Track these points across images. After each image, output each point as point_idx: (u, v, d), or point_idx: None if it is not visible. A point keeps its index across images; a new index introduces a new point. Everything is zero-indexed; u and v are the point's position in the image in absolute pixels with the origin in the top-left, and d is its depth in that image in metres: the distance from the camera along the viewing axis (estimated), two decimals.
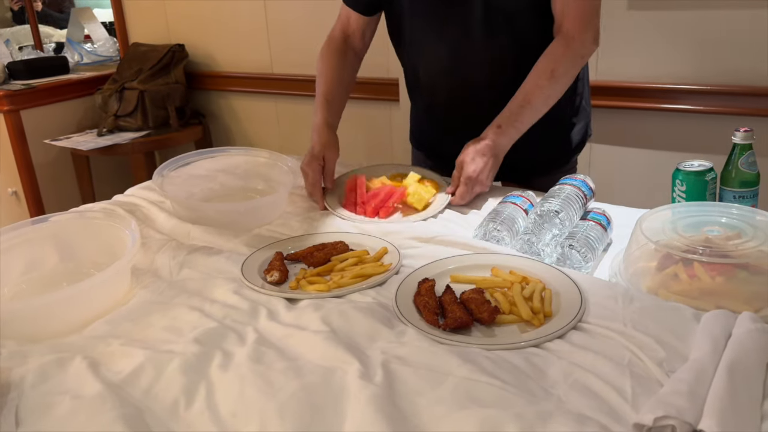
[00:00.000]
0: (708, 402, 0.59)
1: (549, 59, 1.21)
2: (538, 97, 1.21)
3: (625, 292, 0.82)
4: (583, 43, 1.22)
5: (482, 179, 1.18)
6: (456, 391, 0.64)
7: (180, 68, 2.68)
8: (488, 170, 1.19)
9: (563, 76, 1.21)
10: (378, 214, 1.15)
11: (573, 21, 1.20)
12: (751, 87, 1.76)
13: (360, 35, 1.43)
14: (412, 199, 1.17)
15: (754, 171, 1.01)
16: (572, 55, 1.21)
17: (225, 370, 0.71)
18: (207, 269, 0.97)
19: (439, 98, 1.37)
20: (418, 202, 1.16)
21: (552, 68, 1.20)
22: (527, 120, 1.22)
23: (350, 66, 1.43)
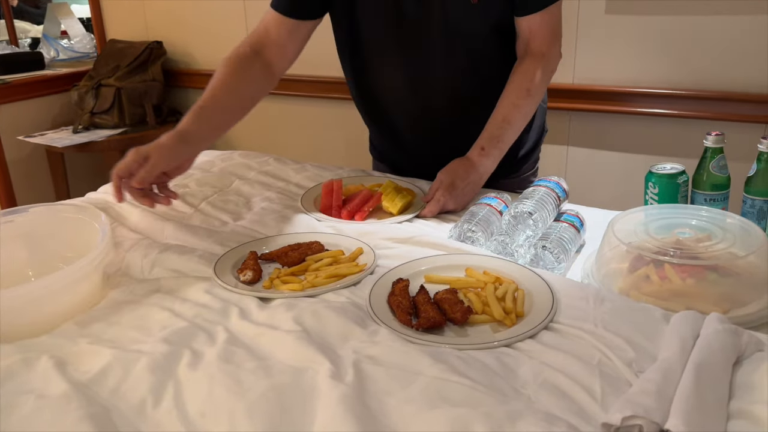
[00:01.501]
0: (675, 402, 0.60)
1: (523, 78, 1.22)
2: (516, 116, 1.23)
3: (597, 292, 0.83)
4: (552, 58, 1.25)
5: (457, 200, 1.18)
6: (426, 390, 0.63)
7: (158, 65, 2.65)
8: (466, 192, 1.20)
9: (537, 93, 1.24)
10: (354, 218, 1.15)
11: (542, 39, 1.22)
12: (724, 92, 1.80)
13: (277, 49, 1.25)
14: (387, 203, 1.17)
15: (725, 174, 1.02)
16: (544, 72, 1.24)
17: (194, 369, 0.70)
18: (179, 268, 0.96)
19: (399, 122, 1.36)
20: (393, 206, 1.16)
21: (527, 87, 1.22)
22: (509, 139, 1.24)
23: (254, 86, 1.24)
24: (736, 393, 0.64)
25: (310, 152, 2.56)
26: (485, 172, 1.23)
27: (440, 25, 1.21)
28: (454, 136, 1.31)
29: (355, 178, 1.34)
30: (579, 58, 1.97)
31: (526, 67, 1.23)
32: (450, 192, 1.17)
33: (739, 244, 0.88)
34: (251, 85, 1.24)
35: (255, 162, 1.43)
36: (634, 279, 0.90)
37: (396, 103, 1.34)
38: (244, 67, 1.23)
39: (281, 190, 1.30)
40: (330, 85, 2.37)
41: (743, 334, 0.70)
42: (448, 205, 1.18)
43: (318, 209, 1.18)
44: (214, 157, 1.49)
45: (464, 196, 1.19)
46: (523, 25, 1.22)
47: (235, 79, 1.21)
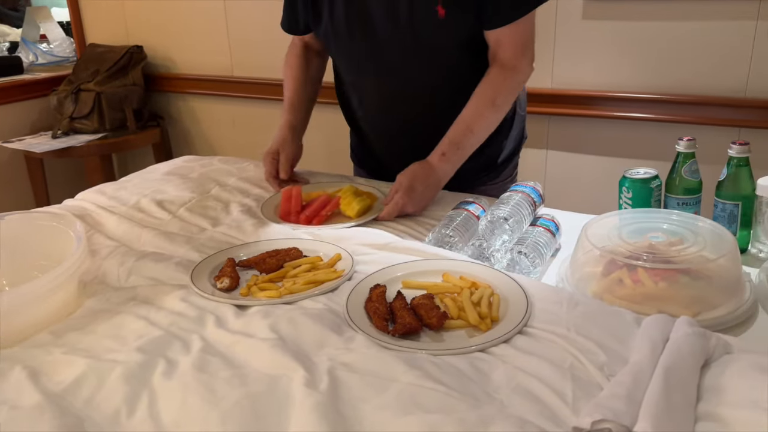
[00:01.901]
0: (644, 405, 0.61)
1: (489, 87, 1.23)
2: (479, 125, 1.24)
3: (570, 297, 0.84)
4: (521, 70, 1.24)
5: (416, 203, 1.19)
6: (400, 396, 0.64)
7: (138, 70, 2.64)
8: (425, 195, 1.20)
9: (504, 104, 1.25)
10: (312, 222, 1.16)
11: (509, 50, 1.22)
12: (699, 96, 1.82)
13: (316, 41, 1.43)
14: (345, 207, 1.18)
15: (697, 179, 1.04)
16: (511, 84, 1.24)
17: (168, 378, 0.70)
18: (156, 276, 0.96)
19: (378, 130, 1.41)
20: (350, 210, 1.17)
21: (492, 97, 1.23)
22: (470, 147, 1.25)
23: (314, 69, 1.46)
24: (704, 395, 0.65)
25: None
26: (444, 176, 1.23)
27: (409, 41, 1.22)
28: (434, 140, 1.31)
29: (317, 185, 1.35)
30: (557, 63, 1.99)
31: (493, 78, 1.23)
32: (408, 195, 1.18)
33: (710, 248, 0.89)
34: (315, 74, 1.47)
35: (235, 168, 1.43)
36: (608, 283, 0.91)
37: (372, 118, 1.38)
38: (304, 61, 1.44)
39: (260, 196, 1.30)
40: None
41: (711, 337, 0.72)
42: (407, 207, 1.18)
43: (278, 216, 1.19)
44: (194, 162, 1.49)
45: (423, 200, 1.20)
46: (492, 38, 1.22)
47: (303, 73, 1.43)
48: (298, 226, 1.15)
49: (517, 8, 1.19)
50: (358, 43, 1.26)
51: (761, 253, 1.03)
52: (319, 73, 1.48)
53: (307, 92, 1.44)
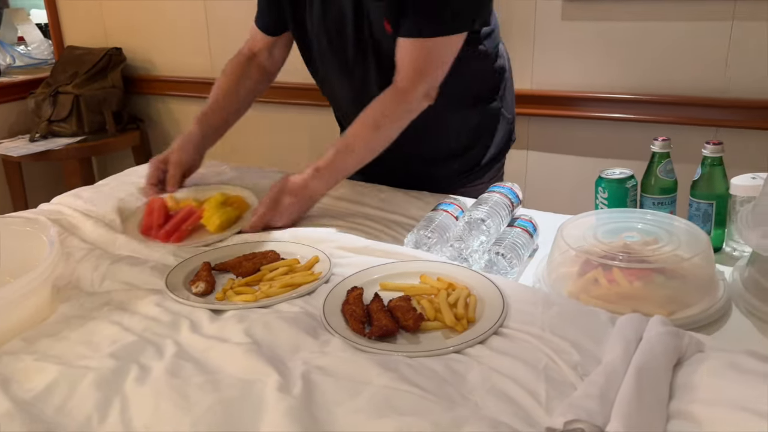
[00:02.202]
0: (616, 405, 0.61)
1: (376, 109, 1.16)
2: (359, 145, 1.17)
3: (545, 297, 0.84)
4: (413, 98, 1.15)
5: (282, 215, 1.13)
6: (374, 399, 0.64)
7: (117, 72, 2.62)
8: (293, 209, 1.15)
9: (387, 129, 1.18)
10: (170, 239, 1.09)
11: (404, 71, 1.14)
12: (678, 96, 1.84)
13: (267, 54, 1.40)
14: (206, 221, 1.11)
15: (672, 179, 1.05)
16: (399, 110, 1.16)
17: (141, 384, 0.69)
18: (130, 280, 0.95)
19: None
20: (210, 224, 1.10)
21: (376, 119, 1.16)
22: (348, 166, 1.18)
23: (250, 83, 1.39)
24: (676, 393, 0.66)
25: (275, 159, 2.54)
26: (315, 193, 1.17)
27: (372, 47, 1.21)
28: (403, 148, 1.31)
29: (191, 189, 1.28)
30: (536, 64, 2.00)
31: (383, 98, 1.16)
32: (273, 208, 1.13)
33: (684, 247, 0.90)
34: (247, 86, 1.40)
35: (211, 171, 1.42)
36: (584, 283, 0.91)
37: (346, 117, 1.37)
38: (241, 70, 1.39)
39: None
40: (294, 91, 2.36)
41: (684, 336, 0.72)
42: (273, 221, 1.13)
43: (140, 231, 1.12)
44: None
45: (289, 214, 1.14)
46: (397, 54, 1.15)
47: (233, 83, 1.38)
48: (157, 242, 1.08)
49: (421, 27, 1.10)
50: (328, 46, 1.26)
51: (735, 252, 1.04)
52: (256, 86, 1.41)
53: (230, 105, 1.38)
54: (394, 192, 1.30)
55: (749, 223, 0.89)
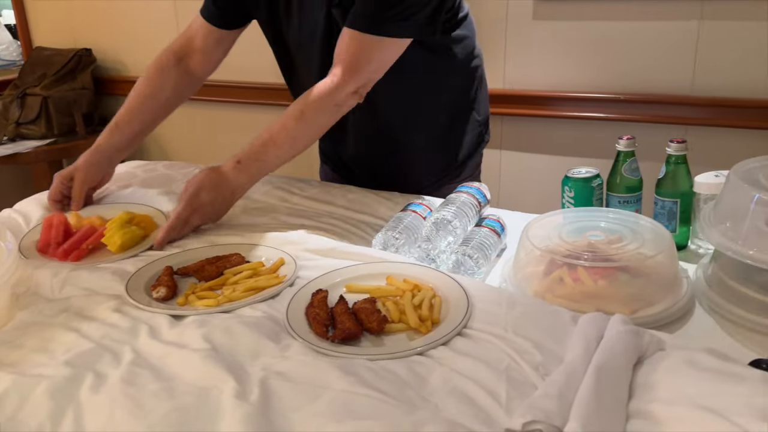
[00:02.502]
0: (575, 405, 0.61)
1: (304, 101, 1.12)
2: (282, 137, 1.13)
3: (510, 297, 0.84)
4: (341, 91, 1.11)
5: (203, 213, 1.09)
6: (333, 404, 0.63)
7: (87, 73, 2.58)
8: (214, 206, 1.10)
9: (312, 121, 1.13)
10: (68, 258, 1.03)
11: (339, 68, 1.11)
12: (648, 95, 1.86)
13: (201, 54, 1.30)
14: (107, 240, 1.06)
15: (637, 177, 1.05)
16: (326, 102, 1.12)
17: (95, 392, 0.67)
18: (91, 286, 0.93)
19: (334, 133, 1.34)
20: (111, 244, 1.05)
21: (303, 110, 1.12)
22: (271, 159, 1.13)
23: (172, 89, 1.30)
24: (636, 393, 0.66)
25: None
26: (238, 187, 1.12)
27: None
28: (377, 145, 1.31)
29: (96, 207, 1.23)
30: (508, 64, 2.00)
31: (313, 90, 1.12)
32: (191, 204, 1.07)
33: (647, 245, 0.91)
34: (167, 93, 1.30)
35: (180, 173, 1.40)
36: (549, 282, 0.91)
37: None
38: (162, 75, 1.29)
39: None
40: (263, 91, 2.35)
41: (645, 335, 0.72)
42: (192, 218, 1.08)
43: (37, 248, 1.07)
44: (137, 168, 1.45)
45: (212, 210, 1.09)
46: (338, 40, 1.12)
47: (150, 90, 1.29)
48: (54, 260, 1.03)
49: (362, 21, 1.08)
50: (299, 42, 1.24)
51: (700, 249, 1.05)
52: (179, 93, 1.32)
53: (145, 113, 1.28)
54: (363, 192, 1.29)
55: (711, 220, 0.90)
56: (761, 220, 0.82)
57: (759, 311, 0.83)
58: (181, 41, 1.32)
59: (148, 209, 1.20)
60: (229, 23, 1.29)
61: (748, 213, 0.84)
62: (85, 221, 1.15)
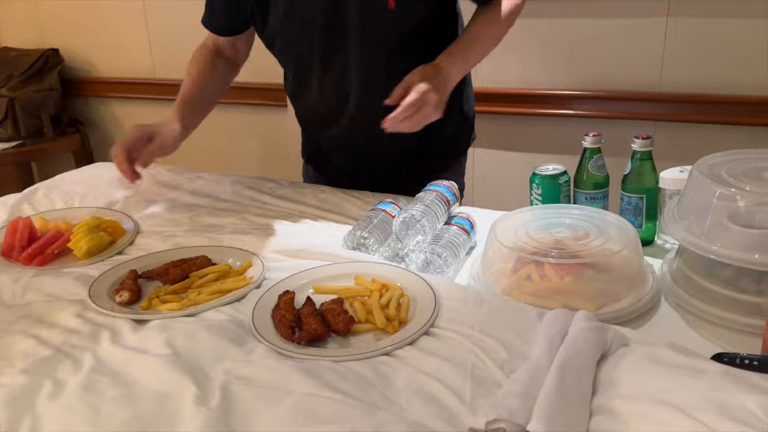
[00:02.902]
0: (537, 403, 0.61)
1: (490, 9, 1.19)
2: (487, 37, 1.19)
3: (476, 295, 0.84)
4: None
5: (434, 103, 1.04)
6: (295, 408, 0.62)
7: (54, 74, 2.53)
8: (439, 92, 1.05)
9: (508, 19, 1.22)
10: (32, 263, 1.01)
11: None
12: (617, 92, 1.88)
13: (229, 47, 1.35)
14: (74, 245, 1.04)
15: (604, 173, 1.06)
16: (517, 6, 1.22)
17: (53, 400, 0.66)
18: (53, 291, 0.91)
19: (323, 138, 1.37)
20: (77, 249, 1.03)
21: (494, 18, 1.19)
22: (476, 56, 1.19)
23: (219, 74, 1.35)
24: (599, 389, 0.66)
25: (222, 161, 2.50)
26: (450, 79, 1.11)
27: (357, 35, 1.16)
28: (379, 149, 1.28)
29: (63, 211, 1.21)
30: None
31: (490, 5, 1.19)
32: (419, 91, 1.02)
33: (612, 241, 0.91)
34: (220, 79, 1.35)
35: (146, 173, 1.38)
36: (517, 279, 0.92)
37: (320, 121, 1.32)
38: (211, 59, 1.33)
39: (175, 201, 1.26)
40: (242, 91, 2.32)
41: (609, 331, 0.73)
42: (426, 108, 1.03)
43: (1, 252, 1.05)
44: (104, 169, 1.43)
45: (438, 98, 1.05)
46: None
47: (206, 70, 1.31)
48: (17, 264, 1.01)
49: None
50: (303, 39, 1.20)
51: (667, 245, 1.06)
52: (225, 79, 1.37)
53: (206, 94, 1.32)
54: (334, 191, 1.28)
55: (675, 216, 0.91)
56: (724, 215, 0.83)
57: (722, 305, 0.84)
58: (211, 38, 1.35)
59: (115, 214, 1.18)
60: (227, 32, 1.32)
61: (711, 208, 0.85)
62: (50, 225, 1.13)
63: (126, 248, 1.07)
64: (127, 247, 1.07)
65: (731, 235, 0.81)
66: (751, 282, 0.82)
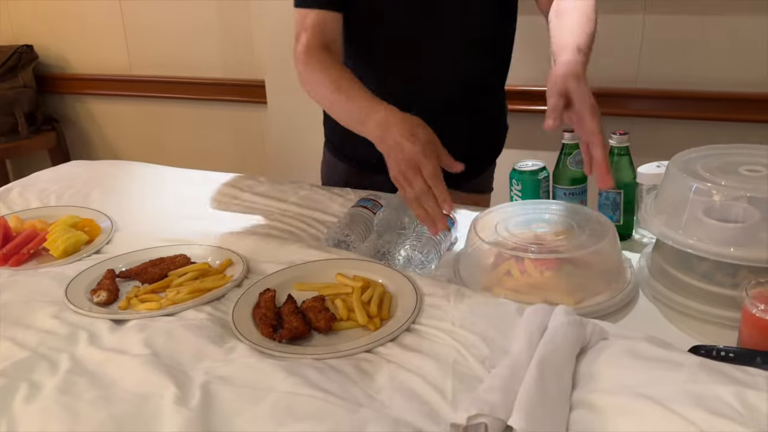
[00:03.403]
0: (518, 397, 0.61)
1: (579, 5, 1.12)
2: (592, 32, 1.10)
3: (457, 291, 0.84)
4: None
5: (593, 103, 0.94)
6: (276, 407, 0.62)
7: (29, 71, 2.49)
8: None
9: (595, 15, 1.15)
10: (8, 263, 0.99)
11: None
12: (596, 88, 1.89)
13: (339, 39, 1.16)
14: (50, 244, 1.02)
15: (582, 169, 1.07)
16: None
17: (29, 403, 0.65)
18: (29, 292, 0.89)
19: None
20: (54, 249, 1.01)
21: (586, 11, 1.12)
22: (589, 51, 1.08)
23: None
24: (579, 383, 0.67)
25: (198, 159, 2.47)
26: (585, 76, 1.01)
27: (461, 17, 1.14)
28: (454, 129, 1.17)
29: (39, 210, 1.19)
30: None
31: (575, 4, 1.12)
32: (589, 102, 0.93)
33: (591, 236, 0.92)
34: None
35: (124, 171, 1.37)
36: (497, 275, 0.92)
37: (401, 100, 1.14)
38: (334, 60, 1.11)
39: (149, 198, 1.24)
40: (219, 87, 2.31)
41: (588, 325, 0.73)
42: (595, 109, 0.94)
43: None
44: (81, 168, 1.41)
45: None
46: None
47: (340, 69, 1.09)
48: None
49: None
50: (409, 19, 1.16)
51: (644, 239, 1.07)
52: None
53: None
54: (315, 189, 1.28)
55: (652, 210, 0.92)
56: (699, 210, 0.84)
57: (699, 299, 0.85)
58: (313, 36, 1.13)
59: (92, 213, 1.16)
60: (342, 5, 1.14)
61: (687, 203, 0.86)
62: (26, 224, 1.11)
63: (103, 247, 1.05)
64: (105, 246, 1.06)
65: (707, 229, 0.82)
66: (726, 275, 0.83)
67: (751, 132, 1.78)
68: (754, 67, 1.73)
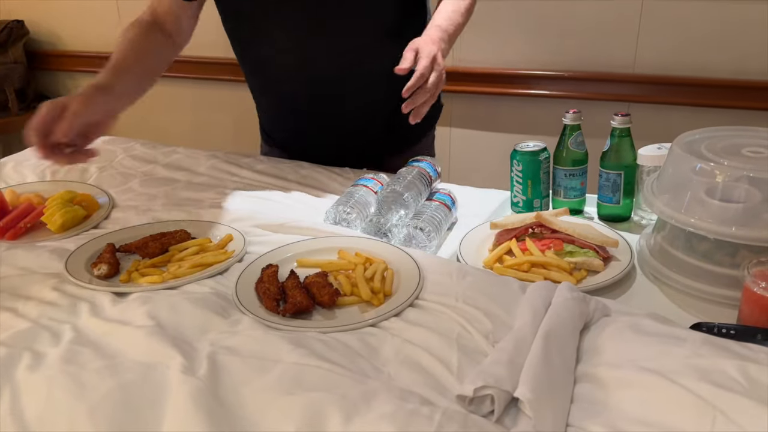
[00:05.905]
0: (524, 370, 0.62)
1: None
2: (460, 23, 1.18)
3: (460, 268, 0.84)
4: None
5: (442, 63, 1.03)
6: (283, 377, 0.62)
7: (19, 46, 2.45)
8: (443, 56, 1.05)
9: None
10: (4, 237, 0.98)
11: None
12: (593, 72, 1.89)
13: (173, 19, 1.20)
14: (47, 219, 1.00)
15: (583, 150, 1.07)
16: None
17: (33, 372, 0.64)
18: (28, 265, 0.88)
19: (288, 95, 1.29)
20: (51, 223, 1.00)
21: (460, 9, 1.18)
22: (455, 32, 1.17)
23: (156, 47, 1.18)
24: (583, 357, 0.68)
25: (197, 137, 2.45)
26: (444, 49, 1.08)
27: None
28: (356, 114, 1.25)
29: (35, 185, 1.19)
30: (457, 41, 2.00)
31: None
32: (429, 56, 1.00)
33: None
34: (156, 53, 1.19)
35: (120, 148, 1.35)
36: (499, 253, 0.92)
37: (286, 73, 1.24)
38: (149, 34, 1.17)
39: (147, 174, 1.23)
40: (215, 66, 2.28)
41: (591, 301, 0.74)
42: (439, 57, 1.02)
43: None
44: None
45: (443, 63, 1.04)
46: None
47: (143, 45, 1.15)
48: None
49: None
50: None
51: (643, 221, 1.07)
52: (161, 55, 1.21)
53: (142, 62, 1.14)
54: (314, 167, 1.27)
55: (654, 191, 0.92)
56: (702, 190, 0.85)
57: (699, 278, 0.86)
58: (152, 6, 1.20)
59: (89, 188, 1.15)
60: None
61: (690, 182, 0.86)
62: (22, 198, 1.10)
63: (101, 222, 1.04)
64: (103, 221, 1.05)
65: (709, 209, 0.83)
66: (726, 255, 0.84)
67: (750, 120, 1.79)
68: (753, 55, 1.74)
